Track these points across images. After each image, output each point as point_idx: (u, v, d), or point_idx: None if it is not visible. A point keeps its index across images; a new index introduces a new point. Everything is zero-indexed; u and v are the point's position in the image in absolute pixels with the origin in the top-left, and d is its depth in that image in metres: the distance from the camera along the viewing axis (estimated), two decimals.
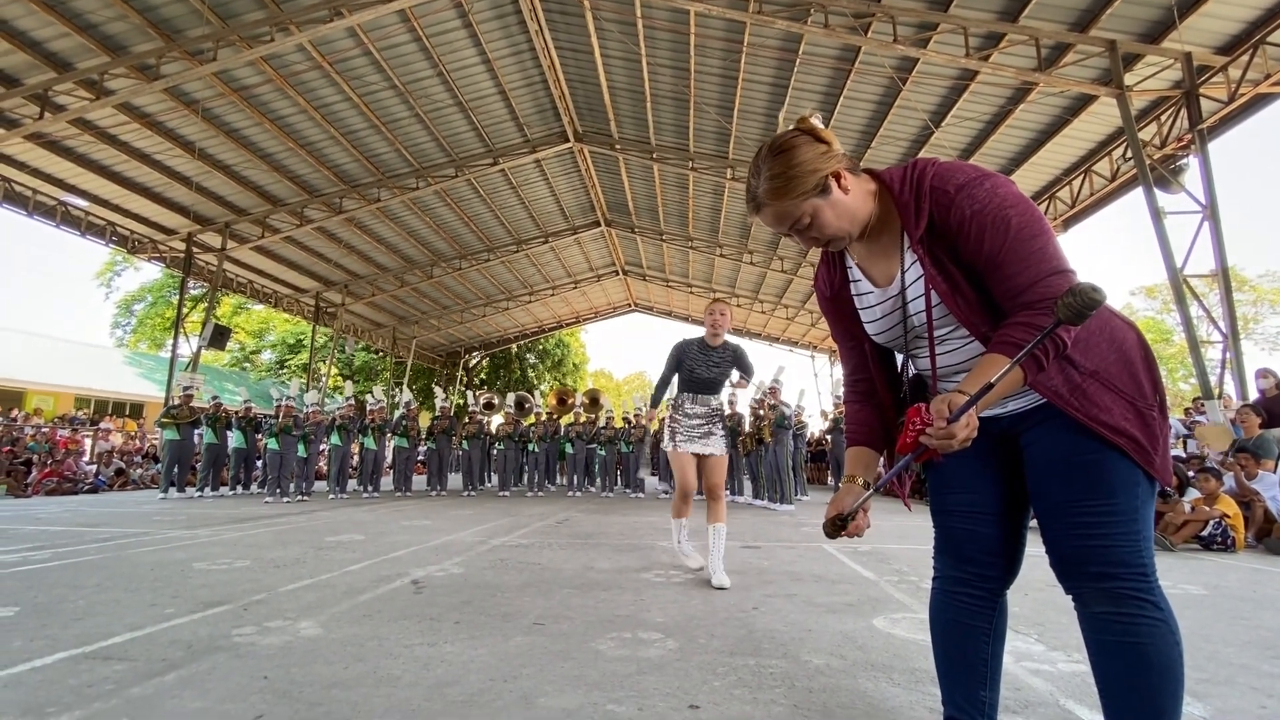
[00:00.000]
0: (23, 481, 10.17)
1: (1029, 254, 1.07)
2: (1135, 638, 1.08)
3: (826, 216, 1.16)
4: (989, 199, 1.09)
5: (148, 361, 25.22)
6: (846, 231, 1.19)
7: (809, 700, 1.75)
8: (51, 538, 4.87)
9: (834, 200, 1.16)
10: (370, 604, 2.80)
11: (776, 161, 1.16)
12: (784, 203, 1.16)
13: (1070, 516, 1.14)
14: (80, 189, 12.49)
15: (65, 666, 1.93)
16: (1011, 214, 1.08)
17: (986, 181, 1.11)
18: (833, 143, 1.17)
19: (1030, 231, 1.08)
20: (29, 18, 8.62)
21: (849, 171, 1.18)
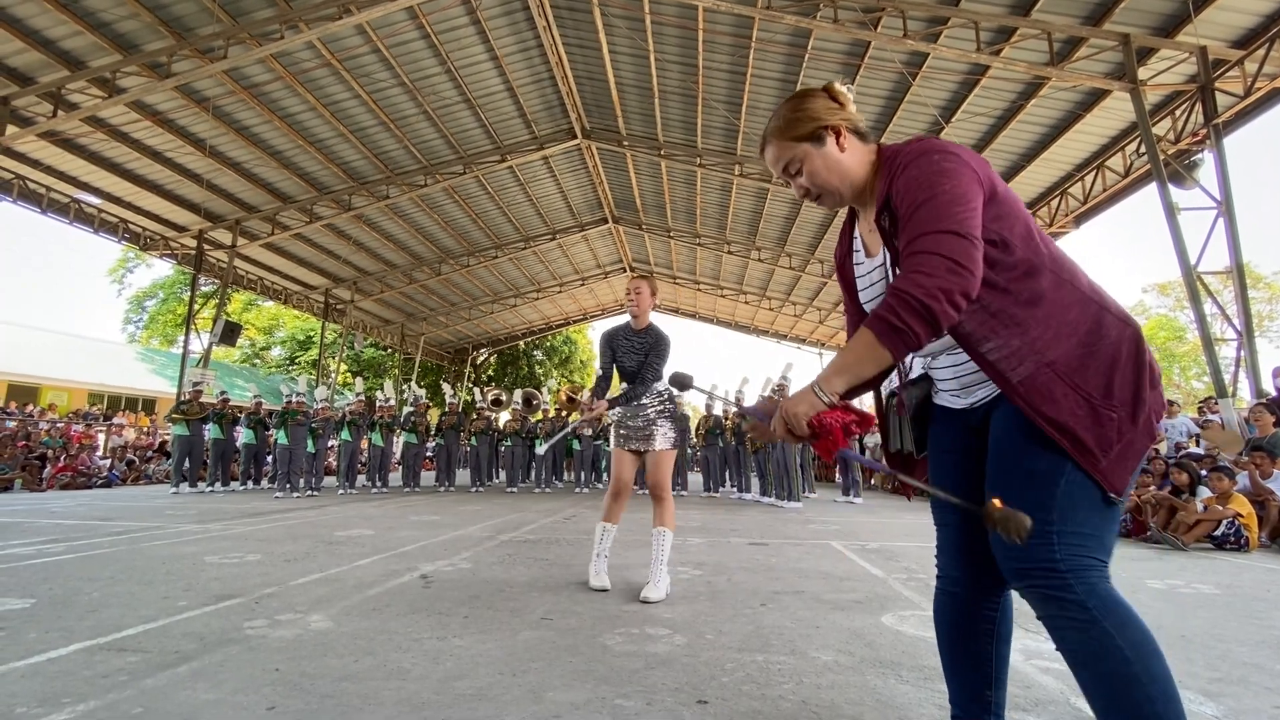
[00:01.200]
0: (38, 476, 10.30)
1: (923, 215, 1.04)
2: (1062, 642, 1.06)
3: (815, 165, 1.20)
4: (923, 169, 1.07)
5: (159, 358, 25.47)
6: (835, 188, 1.21)
7: (817, 697, 1.75)
8: (66, 531, 4.93)
9: (826, 153, 1.19)
10: (380, 598, 2.81)
11: (787, 105, 1.23)
12: (779, 142, 1.22)
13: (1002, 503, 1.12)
14: (93, 186, 12.60)
15: (80, 658, 1.95)
16: (935, 181, 1.05)
17: (935, 155, 1.09)
18: (846, 105, 1.20)
19: (939, 196, 1.04)
20: (42, 16, 8.69)
21: (855, 135, 1.21)
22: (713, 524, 6.15)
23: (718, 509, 7.99)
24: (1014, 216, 1.10)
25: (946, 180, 1.05)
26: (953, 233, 1.01)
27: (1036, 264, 1.09)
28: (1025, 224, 1.11)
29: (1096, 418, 1.03)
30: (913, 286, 1.00)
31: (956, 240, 1.01)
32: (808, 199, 1.26)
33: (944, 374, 1.25)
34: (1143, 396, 1.06)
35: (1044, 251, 1.10)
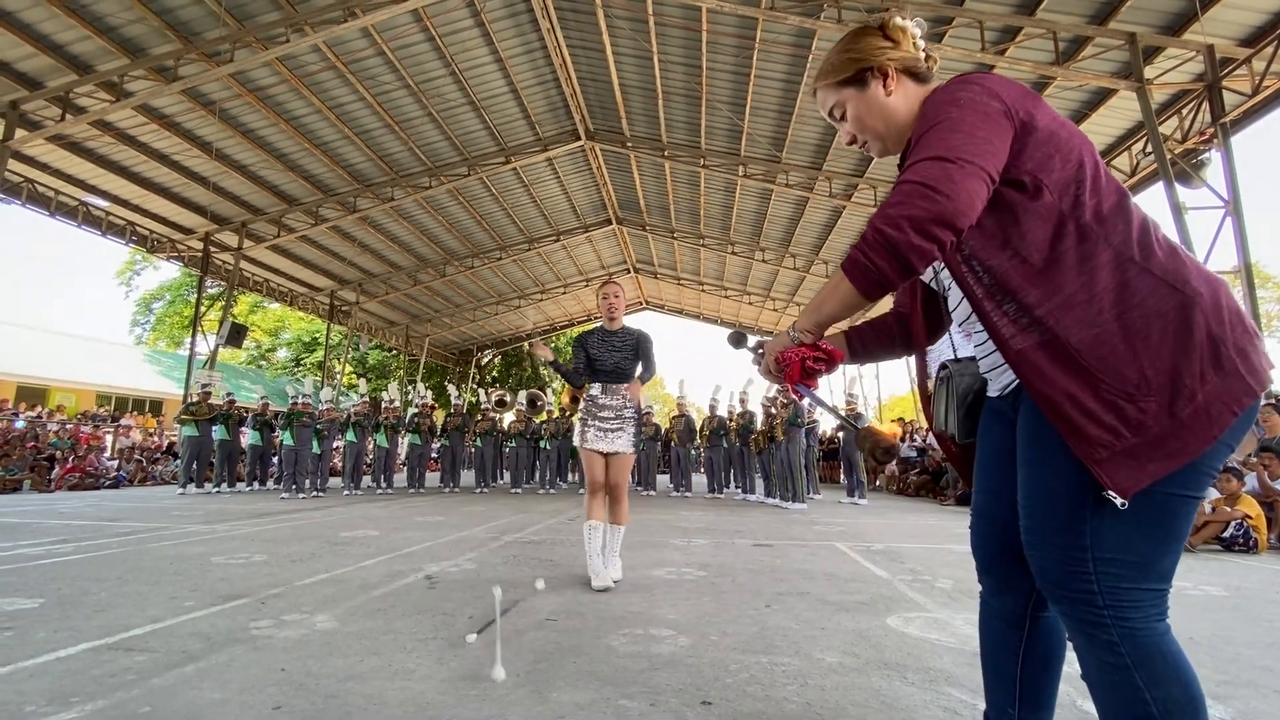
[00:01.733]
0: (46, 477, 10.37)
1: (917, 147, 0.95)
2: (1086, 675, 0.96)
3: (858, 109, 1.12)
4: (936, 100, 0.99)
5: (166, 359, 25.61)
6: (879, 133, 1.13)
7: (822, 698, 1.74)
8: (74, 532, 4.96)
9: (869, 96, 1.11)
10: (385, 598, 2.82)
11: (835, 48, 1.16)
12: (824, 86, 1.16)
13: (1021, 514, 1.01)
14: (101, 189, 12.68)
15: (88, 657, 1.97)
16: (941, 110, 0.96)
17: (954, 84, 1.00)
18: (900, 42, 1.11)
19: (939, 124, 0.94)
20: (51, 21, 8.76)
21: (908, 75, 1.11)
22: (717, 525, 6.14)
23: (722, 510, 7.98)
24: (1058, 158, 0.95)
25: (954, 109, 0.95)
26: (936, 158, 0.90)
27: (1069, 217, 0.94)
28: (1074, 170, 0.95)
29: (1110, 406, 0.88)
30: (877, 217, 0.92)
31: (936, 164, 0.90)
32: (854, 144, 1.17)
33: (978, 353, 1.15)
34: (1185, 382, 0.87)
35: (1087, 204, 0.94)
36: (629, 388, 3.48)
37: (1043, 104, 0.99)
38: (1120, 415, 0.88)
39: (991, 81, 0.98)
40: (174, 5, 8.93)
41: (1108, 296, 0.92)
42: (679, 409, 11.39)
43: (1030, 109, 0.97)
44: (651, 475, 11.27)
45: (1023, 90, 0.99)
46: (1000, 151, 0.93)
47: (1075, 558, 0.92)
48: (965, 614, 2.70)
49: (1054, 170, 0.95)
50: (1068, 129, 0.99)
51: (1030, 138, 0.95)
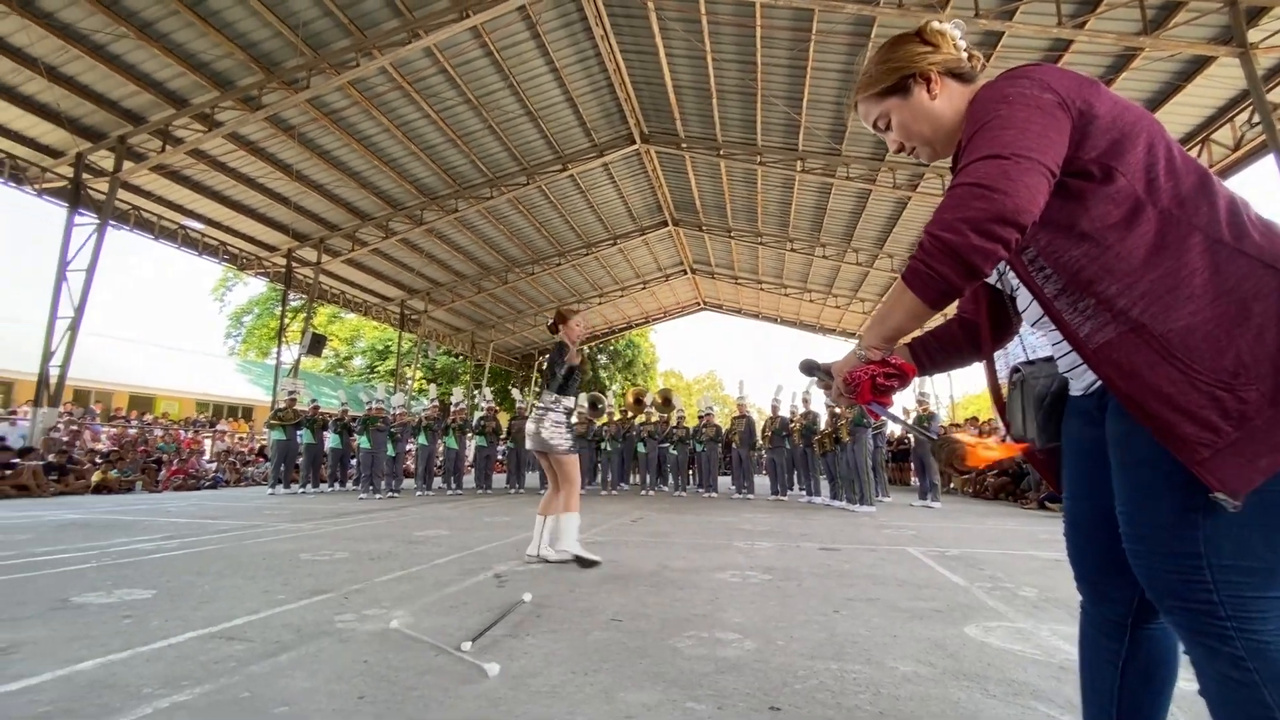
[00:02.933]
0: (155, 478, 11.31)
1: (968, 150, 0.91)
2: (1205, 693, 0.88)
3: (903, 117, 1.10)
4: (984, 99, 0.96)
5: (255, 368, 27.44)
6: (927, 139, 1.10)
7: (896, 708, 1.69)
8: (179, 529, 5.39)
9: (914, 103, 1.08)
10: (457, 595, 2.93)
11: (875, 55, 1.13)
12: (864, 98, 1.14)
13: (1121, 521, 0.94)
14: (196, 213, 13.76)
15: (195, 644, 2.14)
16: (990, 109, 0.93)
17: (1001, 81, 0.96)
18: (940, 46, 1.09)
19: (989, 123, 0.91)
20: (151, 60, 9.59)
21: (952, 77, 1.09)
22: (781, 528, 6.04)
23: (786, 513, 7.84)
24: (1126, 143, 0.90)
25: (1003, 106, 0.91)
26: (989, 156, 0.87)
27: (1146, 202, 0.89)
28: (1144, 153, 0.90)
29: (1200, 394, 0.81)
30: (934, 224, 0.88)
31: (990, 163, 0.86)
32: (902, 152, 1.16)
33: (1055, 352, 1.10)
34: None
35: (1164, 187, 0.89)
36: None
37: (1102, 89, 0.95)
38: (1220, 408, 0.81)
39: (1042, 73, 0.95)
40: (257, 39, 9.59)
41: (1197, 281, 0.85)
42: (740, 410, 11.26)
43: (1088, 96, 0.92)
44: (713, 477, 11.20)
45: (1077, 78, 0.95)
46: (1058, 144, 0.89)
47: (1189, 565, 0.85)
48: (1051, 624, 2.55)
49: (1124, 154, 0.90)
50: (1133, 112, 0.94)
51: (1091, 125, 0.91)
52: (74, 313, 10.72)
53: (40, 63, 9.05)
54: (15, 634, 2.22)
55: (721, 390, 57.72)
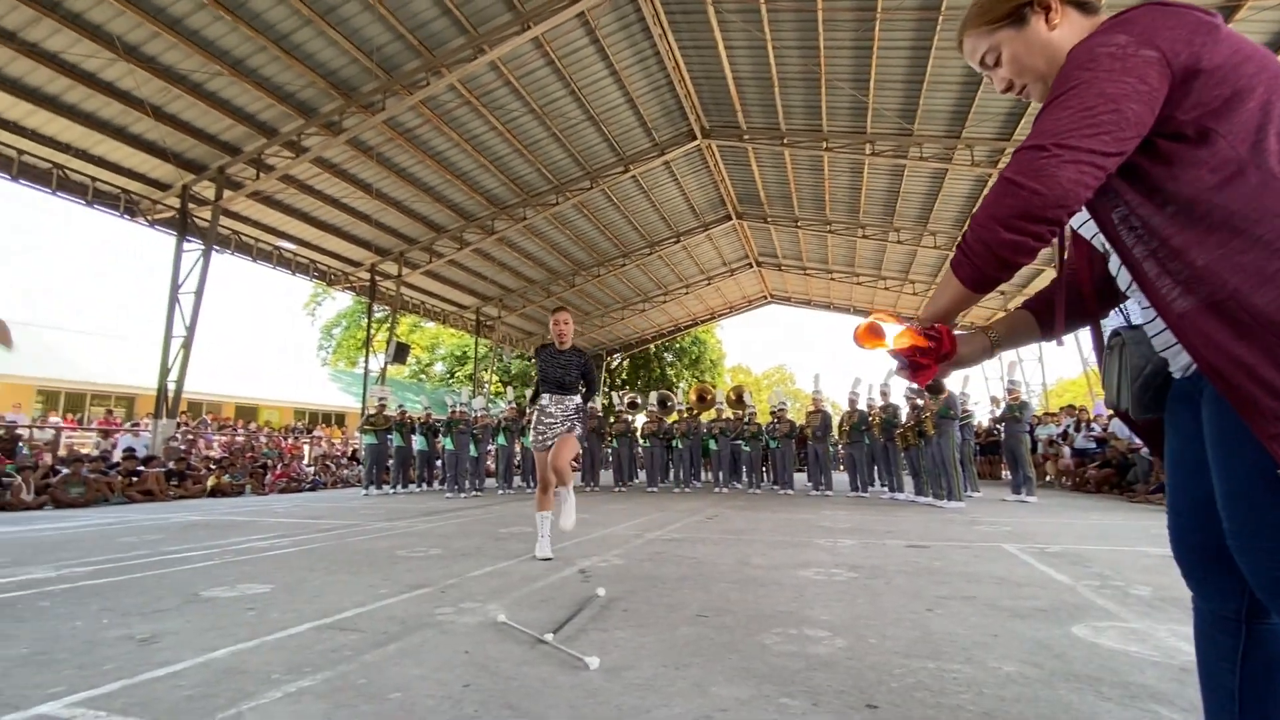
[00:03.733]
0: (261, 481, 12.25)
1: (1037, 121, 0.89)
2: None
3: (1015, 50, 1.01)
4: (1075, 55, 0.90)
5: (345, 377, 29.21)
6: (1040, 74, 1.02)
7: (1002, 709, 1.62)
8: (288, 528, 5.83)
9: (1029, 34, 1.00)
10: (545, 590, 3.03)
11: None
12: (974, 31, 1.06)
13: (1223, 515, 0.88)
14: (288, 234, 14.79)
15: (312, 635, 2.31)
16: (1069, 76, 0.88)
17: (1098, 36, 0.89)
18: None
19: (1058, 99, 0.87)
20: (244, 95, 10.39)
21: (1074, 6, 1.00)
22: (865, 525, 5.87)
23: (868, 509, 7.60)
24: (1238, 99, 0.83)
25: (1084, 72, 0.86)
26: (1032, 146, 0.85)
27: (1249, 164, 0.82)
28: (1261, 111, 0.82)
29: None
30: (975, 217, 0.91)
31: (1030, 154, 0.85)
32: (1010, 91, 1.07)
33: (1149, 329, 1.03)
34: None
35: (1272, 148, 0.82)
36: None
37: (1221, 34, 0.85)
38: None
39: (1151, 19, 0.86)
40: (335, 67, 10.20)
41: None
42: (814, 404, 11.01)
43: (1198, 49, 0.84)
44: (788, 474, 11.00)
45: (1193, 23, 0.85)
46: (1134, 118, 0.83)
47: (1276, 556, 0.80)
48: (1170, 625, 2.37)
49: (1230, 113, 0.83)
50: (1254, 62, 0.85)
51: (1195, 81, 0.84)
52: (186, 331, 11.76)
53: (146, 104, 9.98)
54: (158, 625, 2.47)
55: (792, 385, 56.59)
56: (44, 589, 3.15)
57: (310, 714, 1.60)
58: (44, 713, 1.62)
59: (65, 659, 2.05)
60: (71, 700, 1.70)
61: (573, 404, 4.10)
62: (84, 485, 8.96)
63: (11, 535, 5.45)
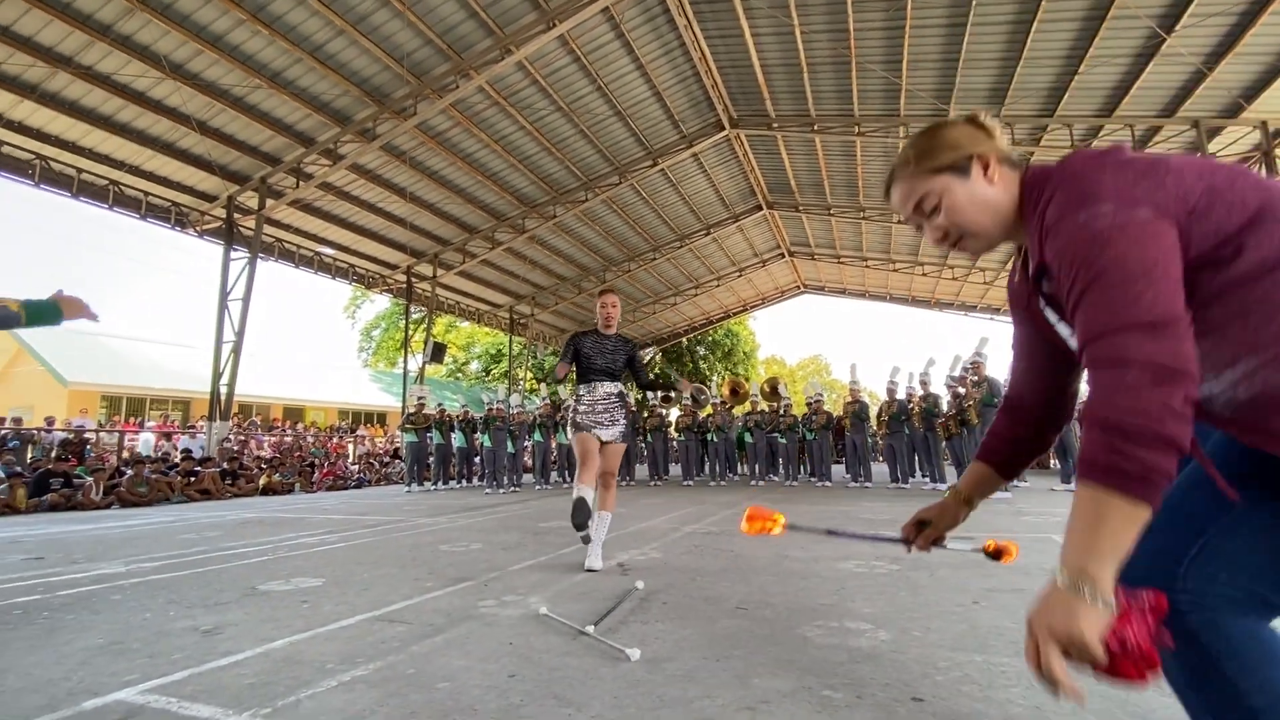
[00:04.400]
0: (309, 480, 12.68)
1: (1093, 309, 0.82)
2: None
3: (959, 199, 1.01)
4: (1074, 237, 0.85)
5: (385, 377, 29.96)
6: (983, 227, 1.02)
7: (1053, 703, 1.58)
8: (336, 525, 6.02)
9: (972, 185, 1.01)
10: (584, 583, 3.07)
11: (921, 137, 1.07)
12: (913, 174, 1.04)
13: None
14: (328, 240, 15.22)
15: (363, 626, 2.39)
16: (1094, 256, 0.82)
17: (1080, 212, 0.85)
18: (994, 134, 1.03)
19: (1104, 276, 0.81)
20: (282, 106, 10.72)
21: (1005, 165, 1.02)
22: (905, 517, 5.72)
23: (910, 501, 7.47)
24: (1236, 211, 0.82)
25: (1109, 249, 0.81)
26: (1142, 325, 0.77)
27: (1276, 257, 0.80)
28: (1258, 206, 0.82)
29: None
30: (1126, 414, 0.75)
31: (1150, 338, 0.77)
32: (945, 243, 1.06)
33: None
34: None
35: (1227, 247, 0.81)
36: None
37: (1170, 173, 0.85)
38: None
39: (1125, 187, 0.84)
40: (368, 75, 10.44)
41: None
42: (852, 395, 10.84)
43: (1183, 188, 0.84)
44: (826, 466, 10.86)
45: (1146, 167, 0.85)
46: (1178, 272, 0.81)
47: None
48: None
49: (1252, 231, 0.82)
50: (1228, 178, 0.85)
51: (1203, 215, 0.83)
52: (235, 337, 12.22)
53: (192, 119, 10.39)
54: (220, 617, 2.59)
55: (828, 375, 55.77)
56: (115, 583, 3.33)
57: (363, 702, 1.66)
58: (122, 698, 1.73)
59: (138, 648, 2.17)
60: (145, 687, 1.80)
61: (616, 391, 3.85)
62: (147, 485, 9.43)
63: (84, 533, 5.77)
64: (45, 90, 9.40)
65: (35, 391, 18.08)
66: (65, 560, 4.16)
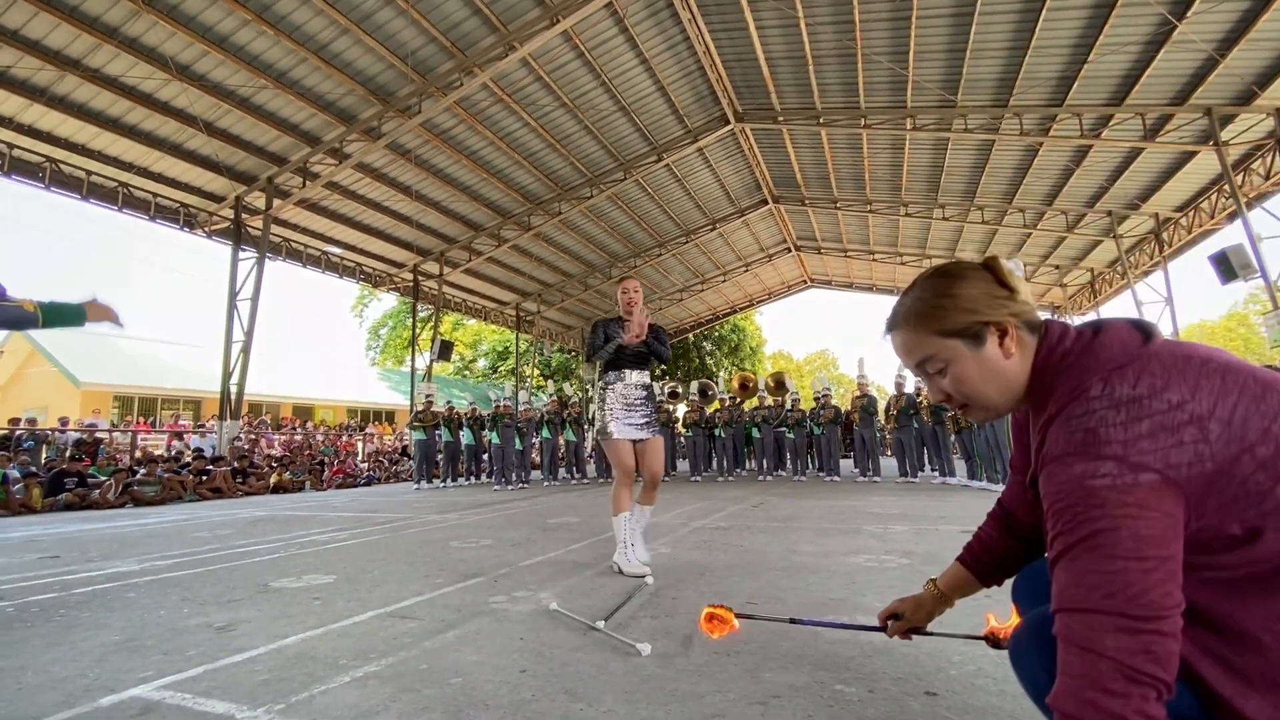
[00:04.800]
0: (320, 478, 12.76)
1: (1073, 571, 0.75)
2: None
3: (967, 371, 0.93)
4: (1071, 486, 0.77)
5: (394, 376, 30.10)
6: (990, 401, 0.94)
7: None
8: (346, 522, 6.06)
9: (985, 357, 0.92)
10: (594, 578, 3.07)
11: (931, 283, 0.97)
12: (919, 331, 0.95)
13: None
14: (335, 239, 15.28)
15: (375, 623, 2.40)
16: (1084, 514, 0.75)
17: (1082, 463, 0.77)
18: (1017, 291, 0.93)
19: (1091, 539, 0.74)
20: (288, 106, 10.75)
21: (1025, 330, 0.93)
22: (916, 511, 5.73)
23: (919, 494, 7.43)
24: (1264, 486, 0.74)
25: (1103, 516, 0.74)
26: (1122, 615, 0.71)
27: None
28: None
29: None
30: (1084, 710, 0.70)
31: (1129, 633, 0.70)
32: (946, 404, 0.99)
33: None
34: None
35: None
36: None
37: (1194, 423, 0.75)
38: None
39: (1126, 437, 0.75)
40: (373, 73, 10.45)
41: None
42: (860, 389, 10.79)
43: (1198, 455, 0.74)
44: (834, 460, 10.83)
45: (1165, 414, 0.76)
46: (1175, 551, 0.73)
47: None
48: None
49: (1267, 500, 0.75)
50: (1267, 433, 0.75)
51: (1221, 485, 0.75)
52: (244, 336, 12.30)
53: (199, 120, 10.44)
54: (233, 614, 2.61)
55: (836, 369, 55.58)
56: (130, 581, 3.36)
57: (376, 698, 1.67)
58: (138, 695, 1.74)
59: (153, 645, 2.19)
60: (160, 683, 1.82)
61: (644, 382, 3.63)
62: (159, 484, 9.51)
63: (98, 532, 5.84)
64: (54, 93, 9.47)
65: (48, 392, 18.29)
66: (81, 559, 4.21)
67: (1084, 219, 15.24)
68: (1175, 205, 14.00)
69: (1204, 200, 13.41)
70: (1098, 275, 18.68)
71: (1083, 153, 12.47)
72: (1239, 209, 10.71)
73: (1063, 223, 15.62)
